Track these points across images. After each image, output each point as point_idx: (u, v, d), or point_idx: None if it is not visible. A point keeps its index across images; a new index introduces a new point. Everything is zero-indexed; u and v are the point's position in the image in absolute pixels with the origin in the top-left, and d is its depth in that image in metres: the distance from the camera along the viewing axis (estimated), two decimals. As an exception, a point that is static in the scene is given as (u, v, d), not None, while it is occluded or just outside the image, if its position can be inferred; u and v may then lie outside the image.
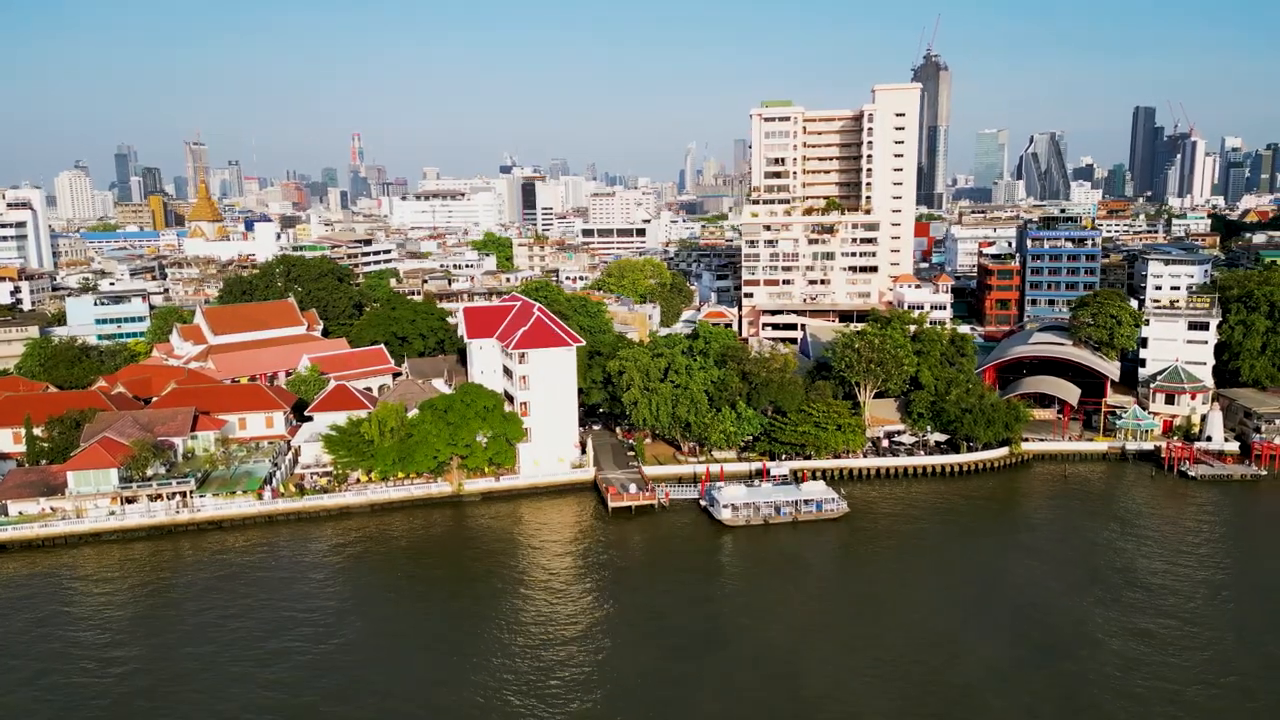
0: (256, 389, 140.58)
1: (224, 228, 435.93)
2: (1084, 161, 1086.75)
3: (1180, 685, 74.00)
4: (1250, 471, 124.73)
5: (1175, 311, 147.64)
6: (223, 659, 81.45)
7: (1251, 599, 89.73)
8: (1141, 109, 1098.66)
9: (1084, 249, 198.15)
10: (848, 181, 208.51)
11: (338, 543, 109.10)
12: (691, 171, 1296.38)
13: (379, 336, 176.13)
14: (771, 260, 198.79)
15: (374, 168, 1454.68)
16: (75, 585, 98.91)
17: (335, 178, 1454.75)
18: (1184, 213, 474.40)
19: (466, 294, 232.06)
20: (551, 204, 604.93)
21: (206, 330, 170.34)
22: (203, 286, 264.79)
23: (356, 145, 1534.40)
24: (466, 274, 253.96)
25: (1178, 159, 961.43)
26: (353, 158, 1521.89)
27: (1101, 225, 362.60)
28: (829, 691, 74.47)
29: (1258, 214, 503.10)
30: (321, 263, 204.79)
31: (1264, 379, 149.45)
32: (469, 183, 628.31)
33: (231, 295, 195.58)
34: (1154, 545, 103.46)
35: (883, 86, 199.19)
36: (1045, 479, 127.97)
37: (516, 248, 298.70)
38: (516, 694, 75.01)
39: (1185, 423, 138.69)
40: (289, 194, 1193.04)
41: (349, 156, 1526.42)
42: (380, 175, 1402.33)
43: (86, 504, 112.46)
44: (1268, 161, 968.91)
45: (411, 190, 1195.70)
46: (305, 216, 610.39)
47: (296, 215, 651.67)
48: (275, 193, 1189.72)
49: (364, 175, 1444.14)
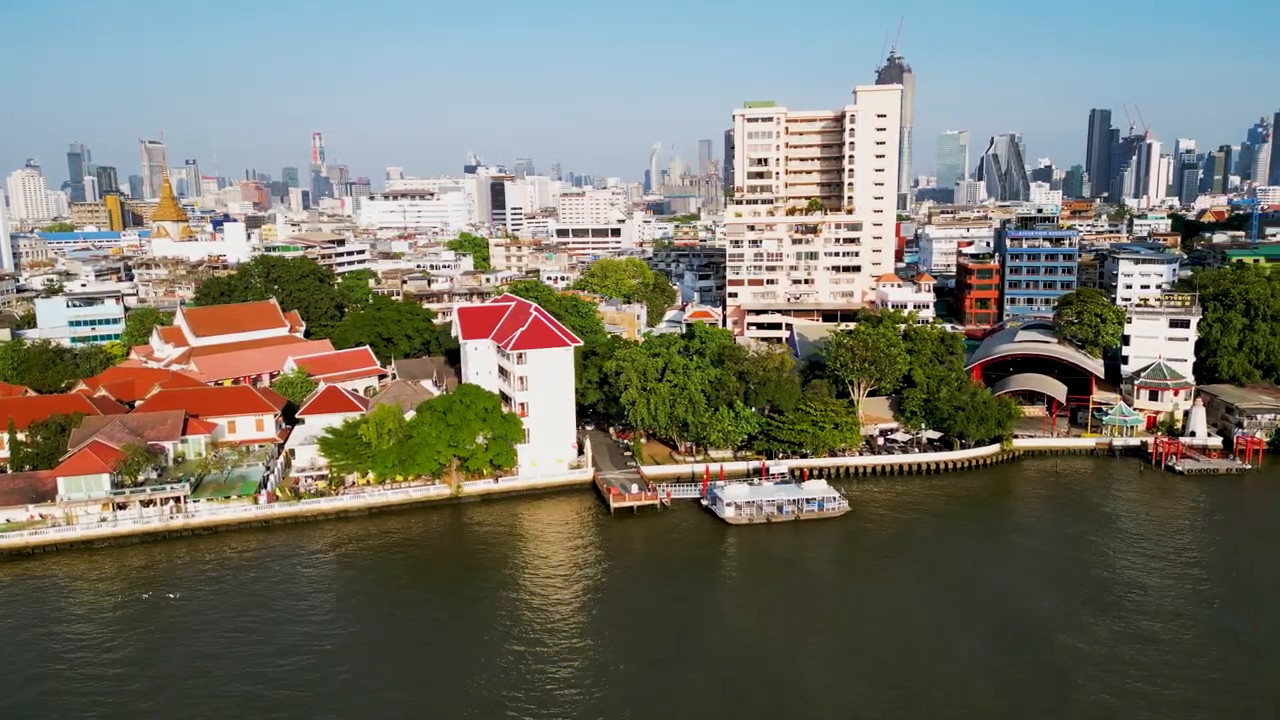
0: (246, 391, 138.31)
1: (189, 228, 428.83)
2: (1042, 163, 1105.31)
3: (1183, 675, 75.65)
4: (1236, 466, 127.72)
5: (1157, 309, 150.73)
6: (221, 666, 79.95)
7: (1248, 588, 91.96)
8: (1098, 112, 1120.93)
9: (1061, 248, 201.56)
10: (829, 182, 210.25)
11: (336, 547, 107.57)
12: (657, 172, 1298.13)
13: (364, 338, 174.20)
14: (756, 260, 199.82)
15: (336, 167, 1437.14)
16: (67, 594, 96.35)
17: (296, 177, 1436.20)
18: (1144, 213, 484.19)
19: (447, 294, 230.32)
20: (521, 204, 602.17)
21: (188, 332, 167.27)
22: (174, 288, 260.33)
23: (317, 144, 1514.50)
24: (445, 274, 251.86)
25: (1134, 160, 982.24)
26: (314, 157, 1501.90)
27: (1064, 225, 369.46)
28: (834, 692, 74.95)
29: (1214, 214, 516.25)
30: (302, 263, 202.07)
31: (1241, 375, 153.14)
32: (437, 182, 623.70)
33: (209, 297, 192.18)
34: (1151, 540, 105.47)
35: (864, 88, 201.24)
36: (1037, 475, 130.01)
37: (493, 248, 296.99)
38: (525, 696, 74.59)
39: (1169, 418, 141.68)
40: (249, 194, 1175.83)
41: (310, 156, 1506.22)
42: (343, 175, 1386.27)
43: (77, 510, 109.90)
44: (1220, 163, 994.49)
45: (376, 190, 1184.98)
46: (270, 216, 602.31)
47: (259, 215, 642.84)
48: (235, 192, 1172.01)
49: (326, 175, 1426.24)
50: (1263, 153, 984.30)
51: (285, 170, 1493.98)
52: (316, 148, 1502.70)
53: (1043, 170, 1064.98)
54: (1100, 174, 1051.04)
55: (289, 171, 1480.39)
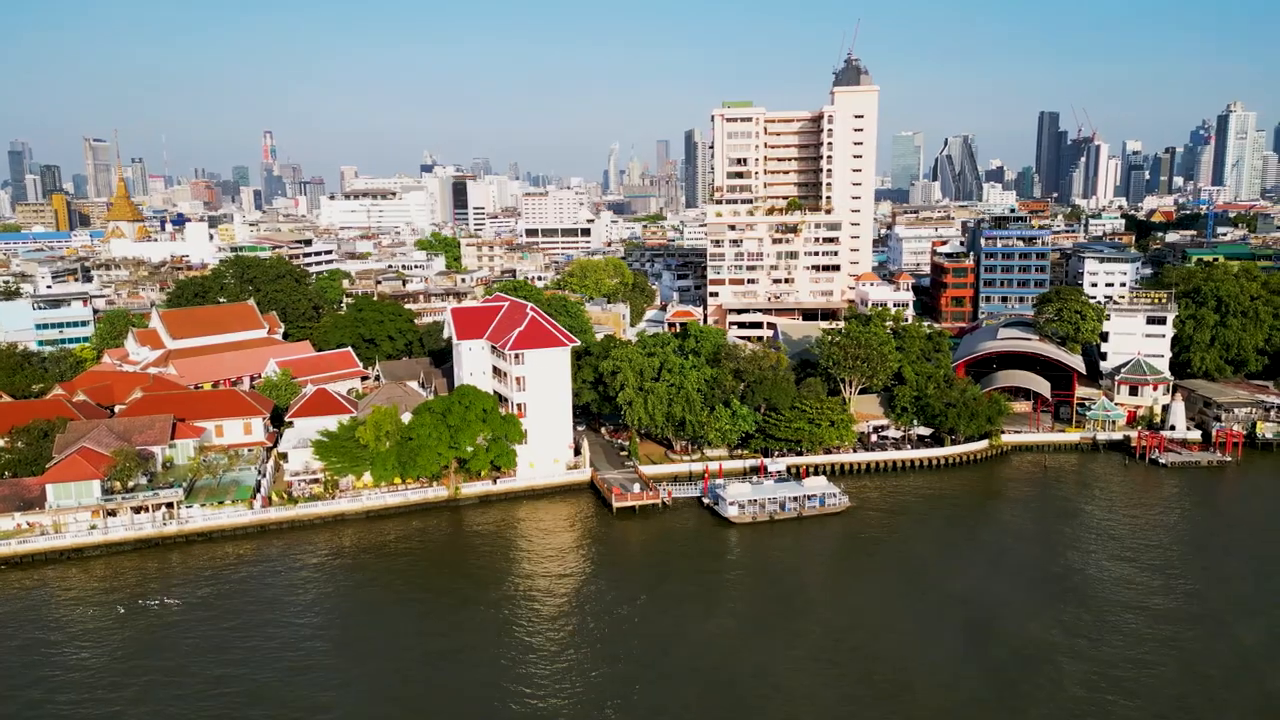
0: (233, 394, 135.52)
1: (145, 228, 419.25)
2: (994, 164, 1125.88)
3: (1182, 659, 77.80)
4: (1216, 458, 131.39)
5: (1135, 307, 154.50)
6: (221, 675, 78.34)
7: (1242, 574, 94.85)
8: (1046, 114, 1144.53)
9: (1034, 248, 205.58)
10: (806, 182, 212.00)
11: (334, 552, 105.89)
12: (615, 172, 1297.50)
13: (345, 339, 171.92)
14: (736, 260, 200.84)
15: (289, 166, 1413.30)
16: (59, 604, 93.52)
17: (248, 176, 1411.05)
18: (1098, 213, 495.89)
19: (423, 294, 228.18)
20: (483, 204, 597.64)
21: (164, 334, 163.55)
22: (137, 289, 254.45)
23: (269, 143, 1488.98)
24: (418, 274, 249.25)
25: (1082, 161, 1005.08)
26: (265, 156, 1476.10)
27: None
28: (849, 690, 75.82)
29: (1163, 214, 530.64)
30: (278, 264, 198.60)
31: (1213, 370, 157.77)
32: (399, 181, 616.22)
33: (183, 298, 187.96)
34: (1146, 530, 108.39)
35: (841, 89, 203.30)
36: (1026, 469, 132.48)
37: (464, 248, 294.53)
38: (537, 700, 74.30)
39: (1148, 413, 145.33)
40: (199, 192, 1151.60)
41: (261, 154, 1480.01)
42: (296, 174, 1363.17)
43: (65, 518, 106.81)
44: (1166, 164, 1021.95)
45: (331, 189, 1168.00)
46: (224, 216, 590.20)
47: (213, 215, 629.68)
48: (184, 191, 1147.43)
49: (278, 174, 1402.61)
50: (1205, 154, 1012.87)
51: (236, 169, 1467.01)
52: (268, 146, 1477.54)
53: (995, 171, 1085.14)
54: (1049, 175, 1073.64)
55: (240, 170, 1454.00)
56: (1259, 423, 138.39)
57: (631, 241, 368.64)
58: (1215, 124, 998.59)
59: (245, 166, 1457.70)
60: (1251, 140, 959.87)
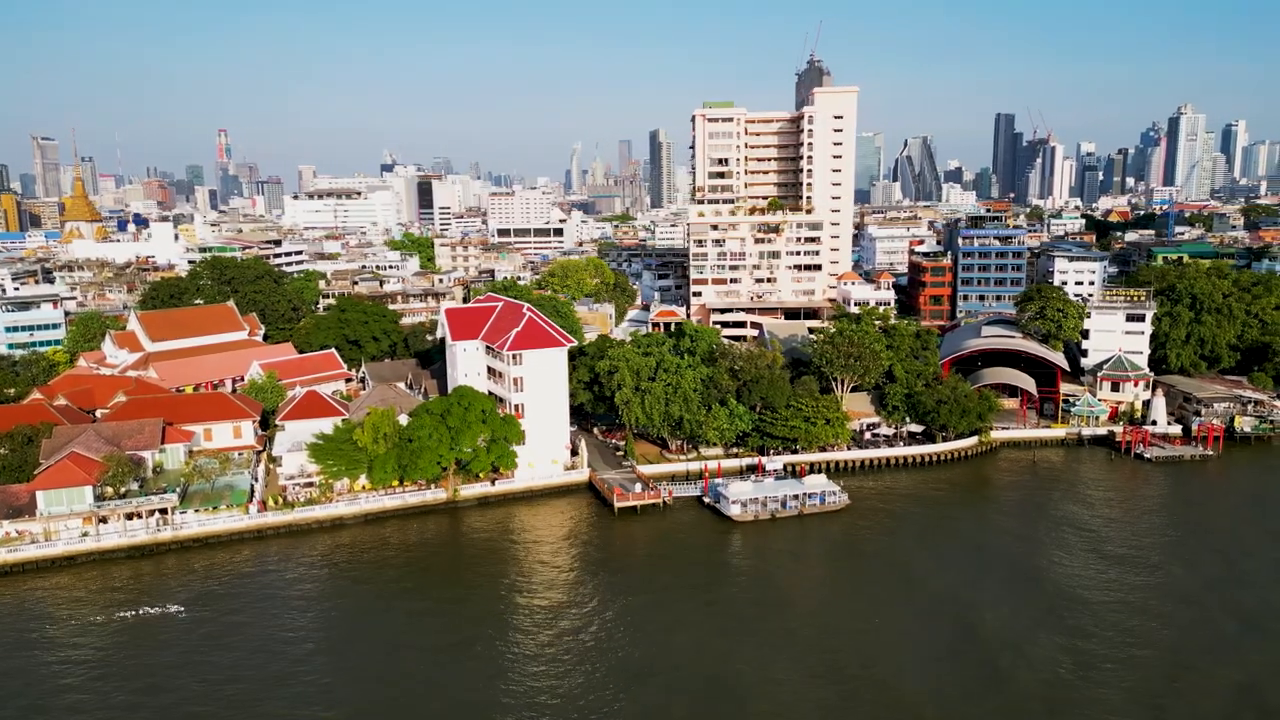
0: (221, 397, 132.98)
1: (103, 228, 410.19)
2: (952, 164, 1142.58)
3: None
4: (1199, 452, 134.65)
5: (1115, 304, 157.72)
6: (220, 685, 77.10)
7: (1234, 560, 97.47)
8: (1002, 115, 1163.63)
9: (1011, 246, 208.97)
10: (786, 182, 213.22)
11: (333, 556, 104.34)
12: (578, 172, 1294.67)
13: (329, 340, 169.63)
14: (719, 259, 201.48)
15: (245, 165, 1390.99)
16: (50, 615, 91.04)
17: (202, 175, 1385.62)
18: (1058, 213, 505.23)
19: (401, 295, 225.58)
20: (449, 204, 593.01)
21: (143, 336, 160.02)
22: (104, 290, 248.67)
23: (223, 141, 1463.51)
24: (395, 275, 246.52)
25: (1038, 162, 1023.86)
26: (219, 154, 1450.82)
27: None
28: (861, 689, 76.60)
29: (1119, 214, 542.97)
30: (256, 264, 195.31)
31: (1188, 366, 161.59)
32: (364, 181, 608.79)
33: (158, 300, 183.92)
34: (1139, 522, 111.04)
35: (822, 90, 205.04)
36: (1016, 465, 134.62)
37: (438, 248, 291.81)
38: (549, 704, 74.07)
39: (1130, 408, 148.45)
40: (152, 192, 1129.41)
41: (215, 153, 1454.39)
42: (252, 174, 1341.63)
43: (56, 525, 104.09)
44: (1119, 165, 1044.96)
45: (289, 189, 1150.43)
46: (180, 216, 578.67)
47: (168, 215, 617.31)
48: (136, 191, 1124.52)
49: (234, 173, 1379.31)
50: (1155, 155, 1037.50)
51: (190, 168, 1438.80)
52: (222, 145, 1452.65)
53: (953, 172, 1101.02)
54: (1006, 175, 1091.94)
55: (193, 170, 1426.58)
56: (1237, 417, 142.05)
57: (604, 241, 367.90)
58: (1166, 126, 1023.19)
59: (199, 166, 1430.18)
60: (1201, 142, 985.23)
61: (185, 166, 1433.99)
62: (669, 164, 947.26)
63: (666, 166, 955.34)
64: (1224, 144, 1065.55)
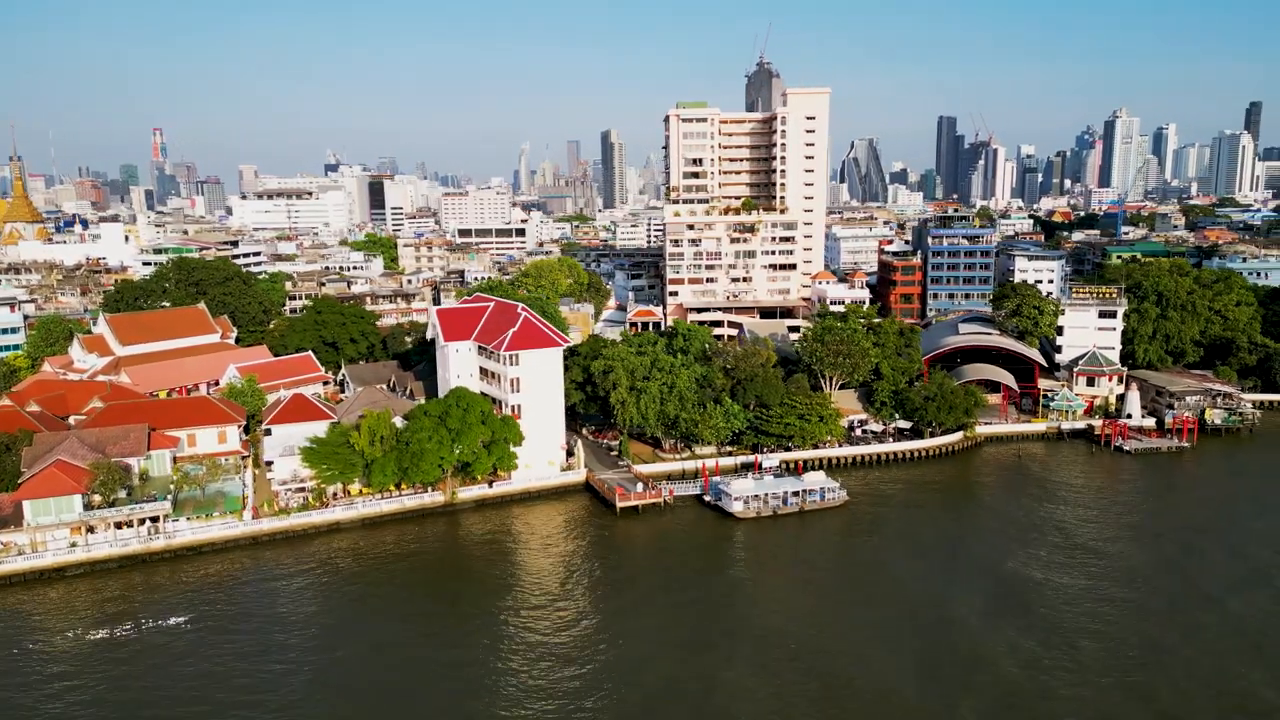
0: (205, 401, 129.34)
1: (45, 229, 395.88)
2: (897, 166, 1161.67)
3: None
4: (1175, 444, 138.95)
5: (1088, 301, 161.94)
6: (220, 696, 75.40)
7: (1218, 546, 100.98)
8: (944, 118, 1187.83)
9: (979, 245, 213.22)
10: (758, 182, 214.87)
11: (332, 562, 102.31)
12: (526, 172, 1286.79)
13: (305, 343, 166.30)
14: (695, 259, 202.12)
15: (182, 165, 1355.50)
16: (42, 628, 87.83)
17: (137, 175, 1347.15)
18: (1007, 214, 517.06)
19: (369, 296, 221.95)
20: (401, 204, 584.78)
21: (112, 340, 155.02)
22: (56, 293, 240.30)
23: (159, 140, 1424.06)
24: (361, 275, 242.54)
25: (980, 164, 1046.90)
26: (154, 154, 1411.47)
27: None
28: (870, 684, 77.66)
29: (1062, 214, 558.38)
30: (225, 266, 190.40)
31: (1155, 361, 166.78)
32: (314, 181, 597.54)
33: (122, 302, 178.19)
34: (1128, 512, 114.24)
35: (795, 90, 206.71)
36: (1002, 459, 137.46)
37: (402, 248, 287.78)
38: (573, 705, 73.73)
39: (1105, 402, 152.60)
40: (84, 192, 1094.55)
41: (150, 152, 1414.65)
42: (190, 173, 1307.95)
43: (43, 535, 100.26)
44: (1058, 167, 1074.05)
45: (229, 189, 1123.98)
46: (121, 217, 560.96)
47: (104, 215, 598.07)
48: (68, 191, 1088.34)
49: (170, 173, 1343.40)
50: (1091, 158, 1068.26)
51: (123, 168, 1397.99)
52: (158, 144, 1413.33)
53: (899, 173, 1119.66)
54: (949, 176, 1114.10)
55: (128, 169, 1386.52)
56: (1207, 410, 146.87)
57: (567, 242, 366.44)
58: (1101, 129, 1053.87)
59: (133, 165, 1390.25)
60: (1136, 144, 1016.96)
61: (119, 166, 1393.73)
62: (621, 165, 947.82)
63: (619, 167, 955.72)
64: (1156, 147, 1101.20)
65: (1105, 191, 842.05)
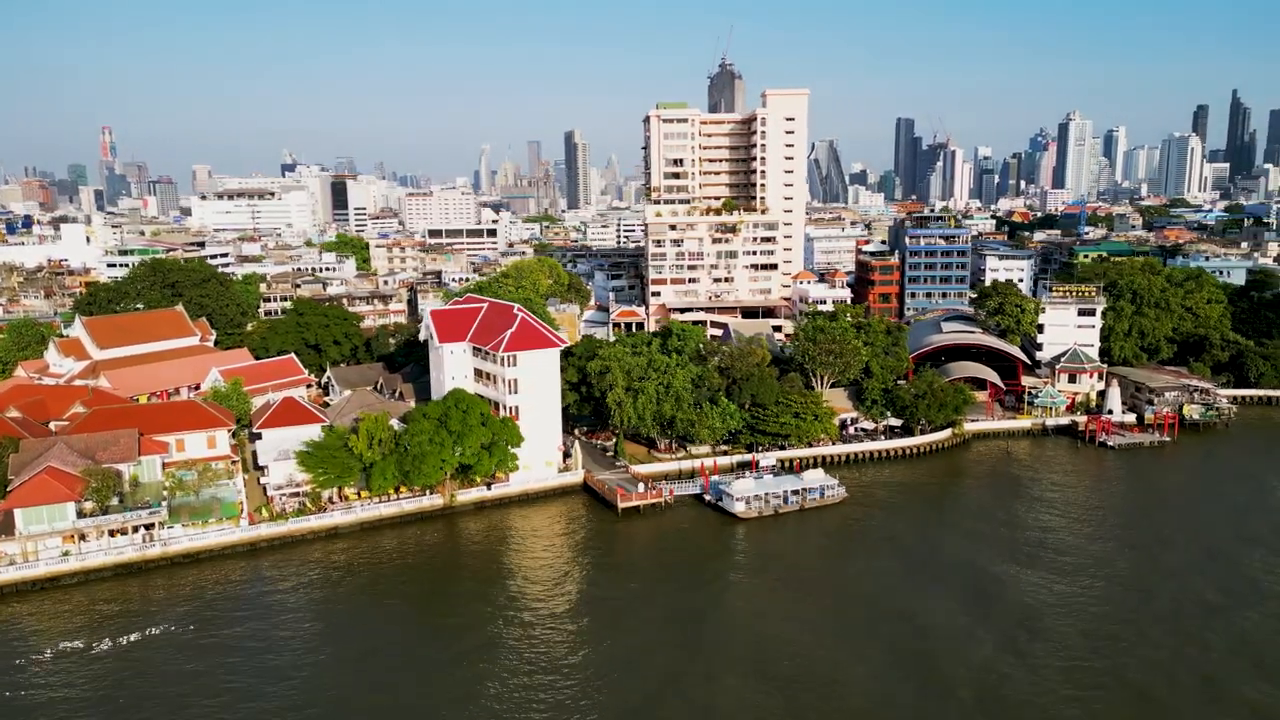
0: (193, 405, 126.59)
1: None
2: (856, 167, 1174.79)
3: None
4: (1157, 439, 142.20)
5: (1068, 300, 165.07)
6: (219, 702, 74.34)
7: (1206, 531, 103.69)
8: (903, 119, 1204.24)
9: (955, 245, 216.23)
10: (738, 183, 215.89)
11: (332, 569, 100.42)
12: (487, 172, 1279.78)
13: (287, 345, 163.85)
14: (678, 259, 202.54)
15: (133, 165, 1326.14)
16: (35, 643, 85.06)
17: (85, 175, 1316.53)
18: (968, 214, 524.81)
19: (346, 298, 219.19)
20: (364, 204, 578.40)
21: (89, 344, 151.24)
22: (18, 295, 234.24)
23: (108, 140, 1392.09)
24: (336, 277, 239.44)
25: (939, 165, 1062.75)
26: (104, 153, 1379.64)
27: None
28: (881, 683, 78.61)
29: (1021, 215, 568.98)
30: (202, 267, 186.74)
31: (1131, 358, 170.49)
32: (277, 181, 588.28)
33: (96, 305, 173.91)
34: (1120, 508, 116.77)
35: (774, 91, 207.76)
36: (991, 455, 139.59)
37: (374, 249, 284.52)
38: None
39: (1086, 399, 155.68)
40: (31, 192, 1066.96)
41: (100, 152, 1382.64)
42: (142, 173, 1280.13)
43: (35, 544, 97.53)
44: (1014, 168, 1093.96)
45: (184, 189, 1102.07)
46: (74, 217, 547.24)
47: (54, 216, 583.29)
48: (14, 191, 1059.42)
49: (120, 172, 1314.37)
50: (1044, 159, 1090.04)
51: (71, 167, 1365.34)
52: (107, 143, 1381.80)
53: (859, 175, 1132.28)
54: (908, 178, 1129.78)
55: (76, 169, 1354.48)
56: (1185, 405, 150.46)
57: (538, 242, 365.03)
58: (1055, 132, 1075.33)
59: (82, 165, 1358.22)
60: (1089, 146, 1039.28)
61: (67, 165, 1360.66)
62: (585, 165, 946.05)
63: (582, 168, 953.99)
64: (1107, 149, 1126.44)
65: (1061, 193, 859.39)
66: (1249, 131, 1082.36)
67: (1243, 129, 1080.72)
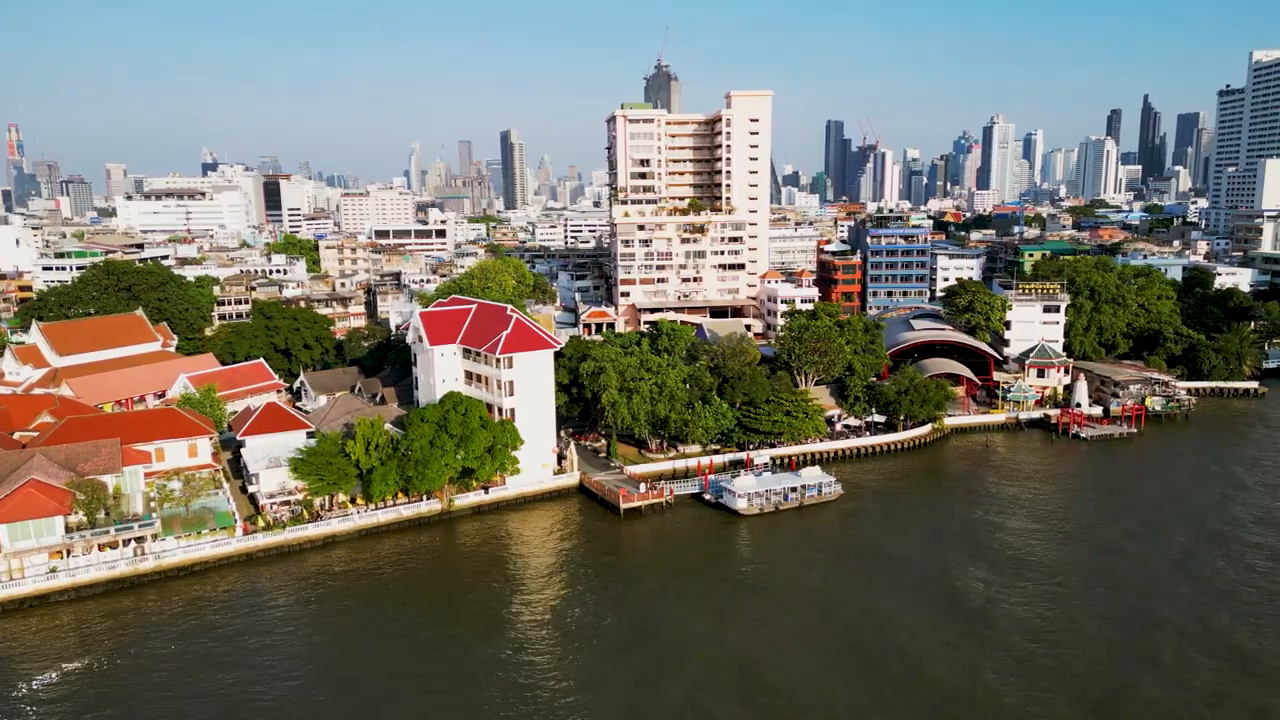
0: (172, 413, 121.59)
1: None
2: (788, 169, 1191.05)
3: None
4: (1125, 430, 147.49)
5: (1033, 297, 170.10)
6: (217, 709, 72.58)
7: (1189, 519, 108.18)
8: (832, 122, 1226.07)
9: (915, 244, 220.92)
10: (702, 183, 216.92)
11: (330, 576, 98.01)
12: (417, 172, 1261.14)
13: (256, 350, 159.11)
14: (646, 259, 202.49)
15: (43, 163, 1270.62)
16: (27, 660, 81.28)
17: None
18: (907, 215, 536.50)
19: (304, 300, 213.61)
20: (298, 205, 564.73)
21: (47, 351, 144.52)
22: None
23: (14, 137, 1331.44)
24: (291, 279, 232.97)
25: (869, 167, 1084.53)
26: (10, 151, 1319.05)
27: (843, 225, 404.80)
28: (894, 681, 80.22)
29: (952, 215, 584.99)
30: (159, 270, 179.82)
31: (1090, 353, 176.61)
32: (208, 180, 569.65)
33: (47, 310, 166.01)
34: (1106, 495, 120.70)
35: (738, 93, 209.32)
36: (972, 448, 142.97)
37: (324, 250, 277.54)
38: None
39: (1054, 392, 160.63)
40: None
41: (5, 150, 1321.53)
42: (53, 172, 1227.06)
43: (21, 561, 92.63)
44: (941, 170, 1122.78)
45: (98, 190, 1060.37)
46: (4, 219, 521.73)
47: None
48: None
49: (30, 172, 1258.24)
50: (968, 161, 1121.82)
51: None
52: (13, 141, 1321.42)
53: (791, 176, 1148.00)
54: (839, 179, 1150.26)
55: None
56: (1148, 397, 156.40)
57: (488, 244, 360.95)
58: (980, 135, 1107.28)
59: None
60: (1011, 149, 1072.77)
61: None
62: (521, 165, 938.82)
63: (519, 168, 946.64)
64: (1026, 151, 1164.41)
65: (987, 194, 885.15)
66: (1159, 135, 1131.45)
67: (1154, 132, 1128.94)
